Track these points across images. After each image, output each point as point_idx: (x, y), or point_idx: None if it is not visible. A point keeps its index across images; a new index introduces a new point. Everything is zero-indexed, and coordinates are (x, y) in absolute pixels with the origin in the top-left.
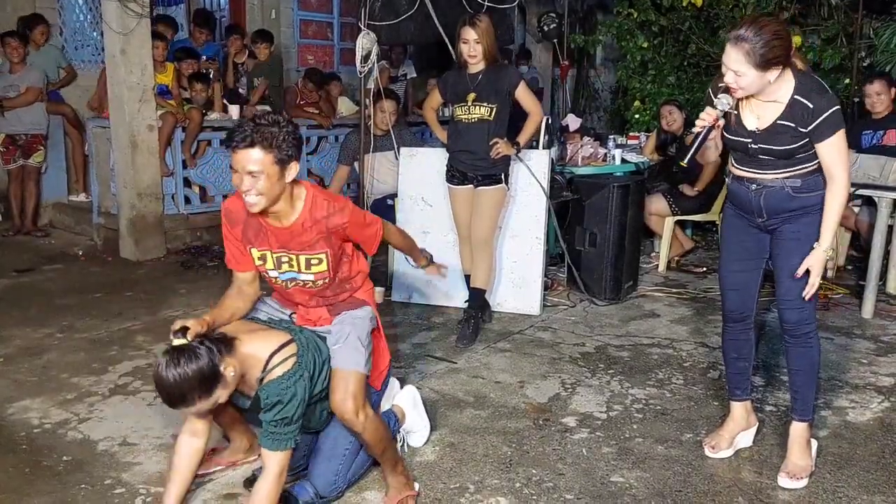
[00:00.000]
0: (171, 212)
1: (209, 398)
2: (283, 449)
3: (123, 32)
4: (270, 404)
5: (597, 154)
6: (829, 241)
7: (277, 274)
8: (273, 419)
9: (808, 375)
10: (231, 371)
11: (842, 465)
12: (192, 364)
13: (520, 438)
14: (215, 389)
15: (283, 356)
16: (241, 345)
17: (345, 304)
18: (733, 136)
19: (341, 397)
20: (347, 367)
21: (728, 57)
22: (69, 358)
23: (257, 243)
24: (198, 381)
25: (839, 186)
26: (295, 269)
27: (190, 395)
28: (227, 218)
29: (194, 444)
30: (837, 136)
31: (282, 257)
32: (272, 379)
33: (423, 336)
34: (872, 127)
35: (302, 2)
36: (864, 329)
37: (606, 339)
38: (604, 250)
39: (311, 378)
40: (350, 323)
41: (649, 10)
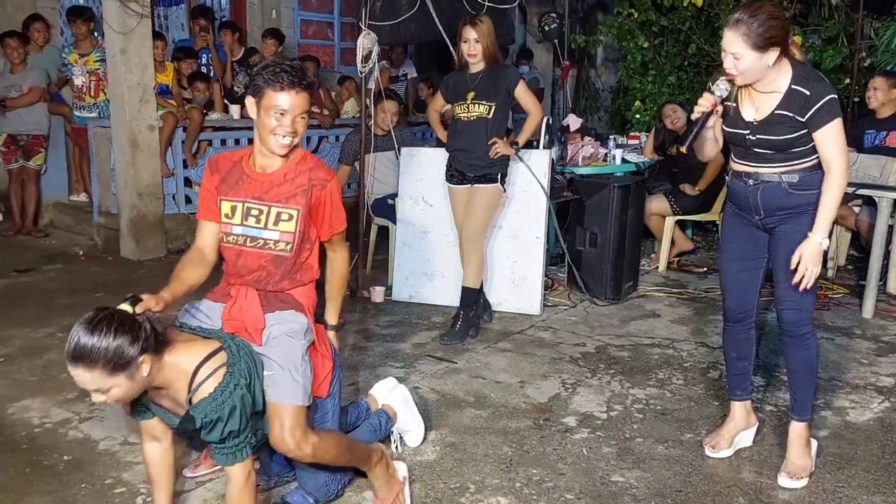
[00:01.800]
0: (171, 211)
1: (108, 378)
2: (240, 460)
3: (124, 32)
4: (211, 423)
5: (597, 154)
6: (824, 232)
7: (241, 230)
8: (221, 437)
9: (806, 375)
10: (146, 369)
11: (842, 465)
12: (119, 335)
13: (520, 438)
14: (120, 374)
15: (211, 368)
16: (168, 352)
17: (279, 300)
18: (732, 129)
19: (279, 436)
20: (281, 400)
21: (726, 41)
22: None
23: (231, 193)
24: (113, 354)
25: (836, 176)
26: (261, 224)
27: (94, 361)
28: (211, 166)
29: (158, 449)
30: (834, 125)
31: (252, 209)
32: (204, 397)
33: (423, 336)
34: (876, 127)
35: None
36: (865, 329)
37: (607, 339)
38: (604, 250)
39: (249, 387)
40: (281, 345)
41: (650, 11)
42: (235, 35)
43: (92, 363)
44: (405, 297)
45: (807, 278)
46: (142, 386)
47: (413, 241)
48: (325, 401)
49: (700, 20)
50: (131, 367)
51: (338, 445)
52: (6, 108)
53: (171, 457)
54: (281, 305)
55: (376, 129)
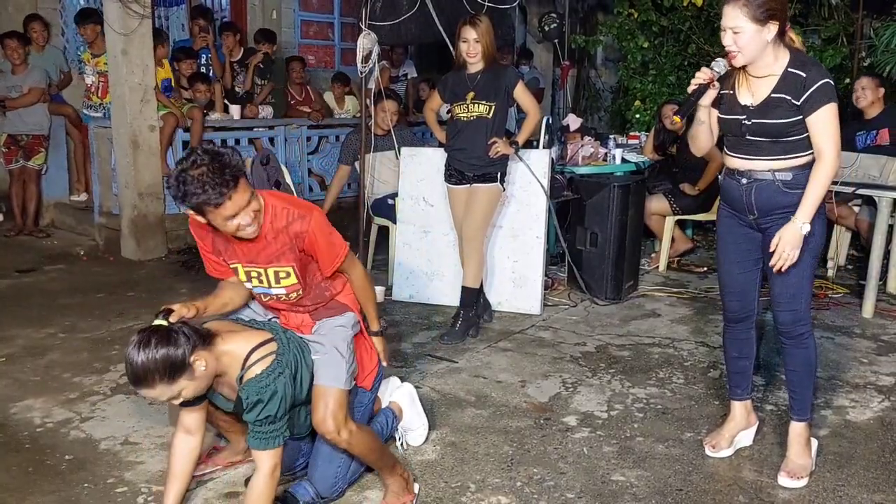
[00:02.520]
0: (172, 211)
1: (171, 386)
2: (271, 447)
3: (125, 33)
4: (252, 403)
5: (597, 154)
6: (806, 217)
7: (251, 286)
8: (256, 418)
9: (805, 375)
10: (202, 365)
11: (842, 464)
12: (162, 347)
13: (521, 437)
14: (179, 379)
15: (262, 354)
16: (220, 342)
17: (326, 308)
18: (727, 115)
19: (321, 416)
20: (327, 383)
21: (726, 16)
22: (71, 357)
23: (227, 256)
24: (163, 366)
25: (826, 162)
26: (265, 284)
27: (151, 378)
28: (196, 233)
29: (189, 443)
30: (828, 109)
31: (251, 272)
32: (251, 378)
33: (423, 335)
34: (865, 127)
35: (303, 2)
36: (865, 328)
37: (607, 339)
38: (604, 250)
39: (294, 377)
40: (329, 332)
41: (650, 11)
42: (236, 36)
43: (151, 381)
44: (405, 297)
45: (783, 261)
46: (207, 379)
47: (413, 240)
48: (366, 392)
49: (700, 20)
50: (187, 370)
51: (373, 442)
52: (6, 108)
53: (196, 456)
54: (328, 313)
55: (376, 128)
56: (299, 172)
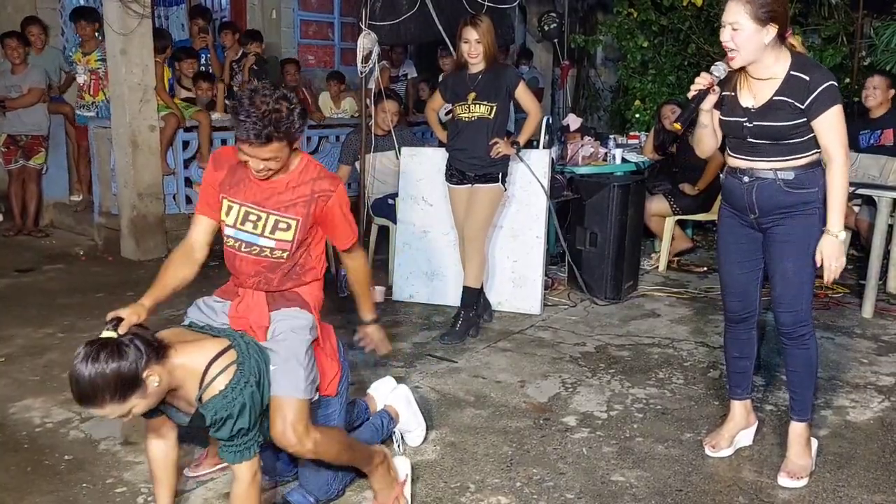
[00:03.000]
0: (172, 211)
1: (121, 404)
2: (248, 458)
3: (124, 33)
4: (221, 420)
5: (597, 154)
6: (838, 225)
7: (235, 231)
8: (229, 434)
9: (805, 376)
10: (155, 380)
11: (842, 465)
12: (112, 362)
13: (520, 438)
14: (131, 396)
15: (222, 366)
16: (174, 354)
17: (285, 298)
18: (729, 118)
19: (280, 430)
20: (285, 393)
21: (727, 12)
22: (70, 357)
23: (231, 192)
24: (113, 382)
25: (838, 166)
26: (258, 230)
27: (101, 396)
28: (215, 161)
29: (163, 446)
30: (834, 111)
31: (250, 214)
32: (214, 395)
33: (423, 335)
34: (870, 127)
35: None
36: (865, 328)
37: (607, 339)
38: (604, 250)
39: (259, 384)
40: (286, 338)
41: (649, 10)
42: (236, 35)
43: (100, 400)
44: (405, 297)
45: (833, 273)
46: (159, 395)
47: (413, 240)
48: (332, 399)
49: (700, 20)
50: (139, 386)
51: (340, 443)
52: (6, 108)
53: (175, 455)
54: (286, 303)
55: (376, 129)
56: None
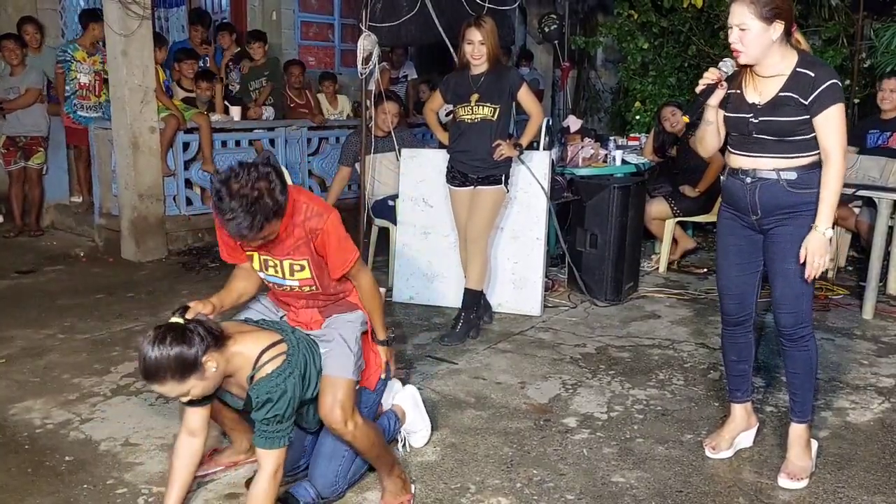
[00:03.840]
0: (172, 213)
1: (181, 384)
2: (276, 447)
3: (125, 34)
4: (261, 402)
5: (597, 155)
6: (827, 223)
7: (264, 276)
8: (264, 417)
9: (805, 377)
10: (213, 366)
11: (842, 466)
12: (176, 345)
13: (521, 439)
14: (190, 378)
15: (272, 354)
16: (232, 344)
17: (336, 306)
18: (734, 114)
19: (329, 406)
20: (336, 373)
21: (733, 14)
22: (71, 359)
23: (245, 245)
24: (175, 364)
25: (834, 164)
26: (279, 275)
27: (162, 374)
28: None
29: (193, 445)
30: (836, 109)
31: (268, 261)
32: (261, 377)
33: (424, 337)
34: (879, 127)
35: (303, 3)
36: (865, 330)
37: (607, 340)
38: (604, 251)
39: (303, 377)
40: (339, 327)
41: (650, 12)
42: (232, 36)
43: (162, 377)
44: (406, 299)
45: (815, 270)
46: (217, 379)
47: (414, 242)
48: (370, 393)
49: (700, 21)
50: (198, 369)
51: (376, 438)
52: (4, 110)
53: (199, 457)
54: (338, 310)
55: (377, 130)
56: (300, 174)
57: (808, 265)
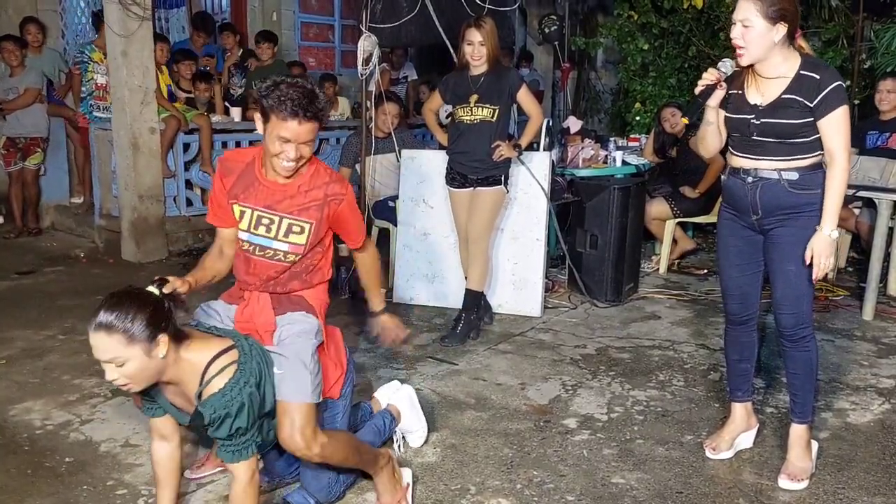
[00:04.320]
0: (172, 214)
1: (125, 347)
2: (246, 458)
3: (125, 35)
4: (219, 419)
5: (597, 156)
6: (832, 223)
7: (249, 237)
8: (228, 434)
9: (806, 378)
10: (162, 351)
11: (842, 467)
12: (144, 306)
13: (521, 440)
14: (136, 345)
15: (221, 365)
16: (184, 347)
17: (291, 301)
18: (736, 115)
19: (288, 433)
20: (292, 398)
21: (738, 9)
22: (71, 360)
23: (242, 197)
24: (134, 319)
25: (839, 166)
26: (272, 234)
27: (116, 325)
28: (223, 167)
29: (166, 448)
30: (841, 112)
31: (263, 218)
32: (213, 393)
33: (424, 338)
34: (879, 128)
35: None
36: (865, 331)
37: (607, 341)
38: (604, 252)
39: (259, 385)
40: (292, 343)
41: (650, 13)
42: (236, 37)
43: (112, 329)
44: (406, 300)
45: (821, 271)
46: (156, 369)
47: (414, 243)
48: (336, 402)
49: (700, 22)
50: (150, 342)
51: (347, 446)
52: (4, 111)
53: (179, 457)
54: (292, 307)
55: (377, 131)
56: None
57: (814, 266)
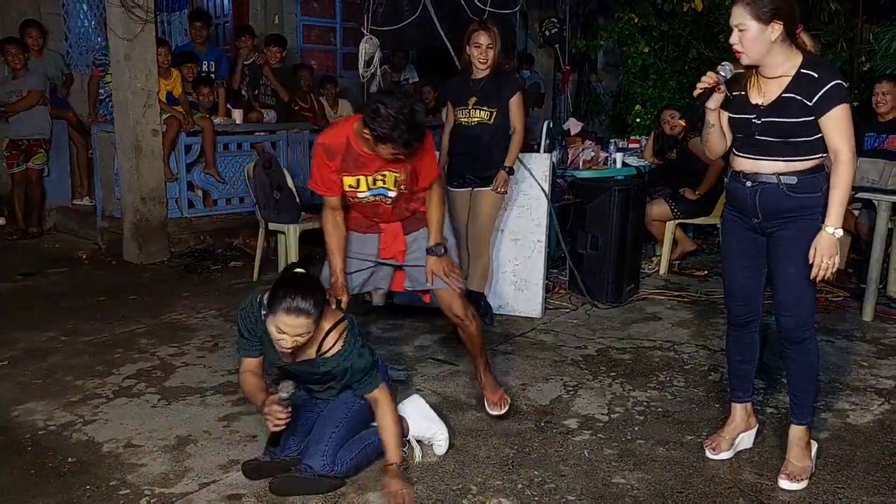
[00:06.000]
0: (174, 215)
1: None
2: (378, 385)
3: (128, 38)
4: (344, 369)
5: (598, 158)
6: (836, 222)
7: (369, 193)
8: (357, 377)
9: (806, 380)
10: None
11: (842, 467)
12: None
13: (522, 440)
14: (313, 323)
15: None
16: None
17: (416, 219)
18: (738, 114)
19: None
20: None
21: (733, 15)
22: (73, 361)
23: (354, 171)
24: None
25: (843, 162)
26: (387, 185)
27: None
28: (327, 152)
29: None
30: (842, 109)
31: (377, 177)
32: (332, 355)
33: (425, 339)
34: (876, 129)
35: (305, 7)
36: (865, 332)
37: (608, 342)
38: (605, 253)
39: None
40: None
41: (650, 16)
42: (253, 40)
43: (306, 314)
44: (407, 300)
45: (823, 270)
46: (314, 339)
47: None
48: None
49: (700, 25)
50: (318, 321)
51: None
52: (7, 114)
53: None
54: (417, 224)
55: None
56: (301, 175)
57: (815, 265)
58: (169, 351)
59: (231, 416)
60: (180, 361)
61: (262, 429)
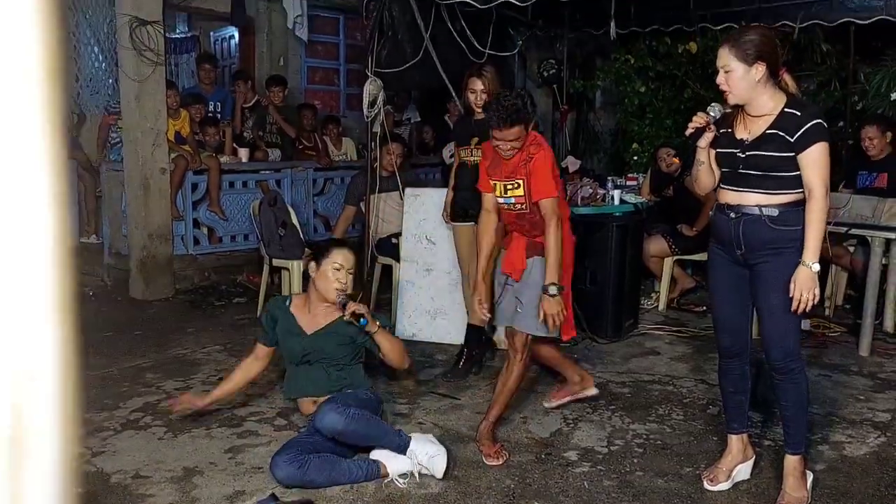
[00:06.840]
0: (180, 252)
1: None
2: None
3: (138, 79)
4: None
5: (596, 194)
6: (813, 257)
7: (503, 200)
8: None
9: (797, 410)
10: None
11: (838, 499)
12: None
13: (522, 472)
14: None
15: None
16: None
17: (533, 244)
18: (724, 149)
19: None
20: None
21: (719, 57)
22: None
23: (494, 175)
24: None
25: (817, 199)
26: (518, 192)
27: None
28: (484, 153)
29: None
30: (819, 147)
31: (507, 184)
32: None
33: (426, 373)
34: (868, 168)
35: (309, 50)
36: (862, 366)
37: (608, 376)
38: (604, 288)
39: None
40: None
41: (646, 57)
42: (248, 83)
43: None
44: (408, 335)
45: (803, 304)
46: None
47: (416, 279)
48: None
49: (695, 66)
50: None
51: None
52: None
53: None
54: (537, 251)
55: (382, 170)
56: (305, 213)
57: (794, 299)
58: (174, 385)
59: (236, 448)
60: None
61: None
